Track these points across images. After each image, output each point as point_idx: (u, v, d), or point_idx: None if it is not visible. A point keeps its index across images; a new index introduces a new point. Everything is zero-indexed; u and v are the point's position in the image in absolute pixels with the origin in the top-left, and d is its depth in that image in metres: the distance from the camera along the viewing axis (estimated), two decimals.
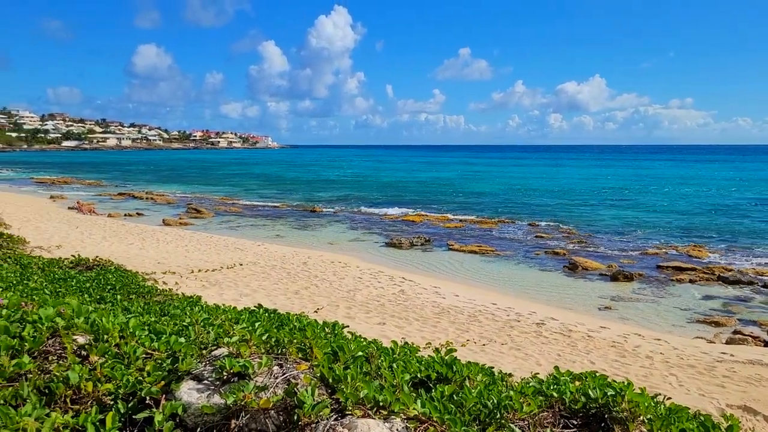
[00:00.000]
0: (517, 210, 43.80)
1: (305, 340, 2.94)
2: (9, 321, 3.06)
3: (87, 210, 37.26)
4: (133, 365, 2.73)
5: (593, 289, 20.06)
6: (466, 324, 14.27)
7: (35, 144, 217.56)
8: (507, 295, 18.66)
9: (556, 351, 12.67)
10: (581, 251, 27.04)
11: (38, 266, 8.86)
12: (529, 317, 15.44)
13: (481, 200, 51.55)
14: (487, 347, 12.46)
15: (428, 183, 74.31)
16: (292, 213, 41.84)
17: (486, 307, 16.28)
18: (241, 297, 14.77)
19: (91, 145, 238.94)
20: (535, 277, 21.82)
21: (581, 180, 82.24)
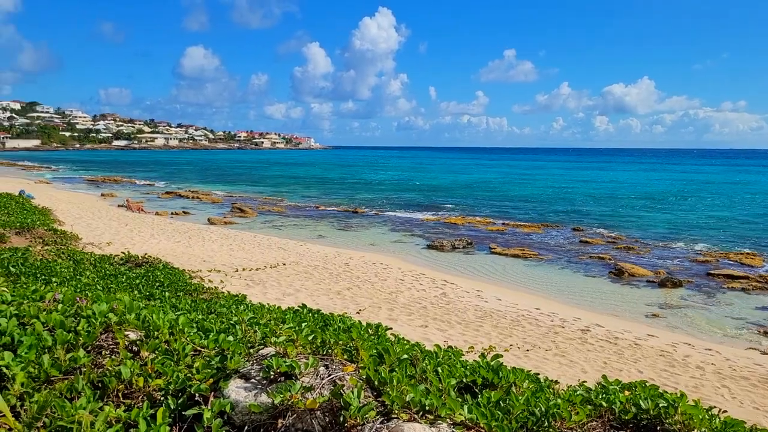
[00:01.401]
0: (561, 214, 43.14)
1: (351, 341, 2.94)
2: (64, 315, 3.15)
3: (136, 208, 38.25)
4: (182, 362, 2.78)
5: (640, 296, 19.60)
6: (509, 329, 14.12)
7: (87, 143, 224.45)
8: (550, 300, 18.38)
9: (602, 359, 12.42)
10: (627, 257, 26.45)
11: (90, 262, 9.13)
12: (573, 323, 15.18)
13: (524, 204, 50.92)
14: (530, 353, 12.31)
15: (470, 185, 73.79)
16: (334, 213, 42.10)
17: (529, 311, 16.08)
18: (285, 296, 14.94)
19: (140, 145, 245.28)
20: (579, 283, 21.44)
21: (628, 184, 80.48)
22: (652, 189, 70.66)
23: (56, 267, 7.34)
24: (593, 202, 53.63)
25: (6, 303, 3.55)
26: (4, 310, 3.17)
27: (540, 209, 46.46)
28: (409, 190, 64.36)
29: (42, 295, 3.75)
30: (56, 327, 2.99)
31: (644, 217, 42.26)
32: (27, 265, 6.89)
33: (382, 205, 47.73)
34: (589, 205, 49.95)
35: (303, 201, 51.06)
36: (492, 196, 58.07)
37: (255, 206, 44.25)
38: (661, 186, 76.58)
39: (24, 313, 3.19)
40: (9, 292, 3.96)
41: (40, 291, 3.97)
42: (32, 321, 3.06)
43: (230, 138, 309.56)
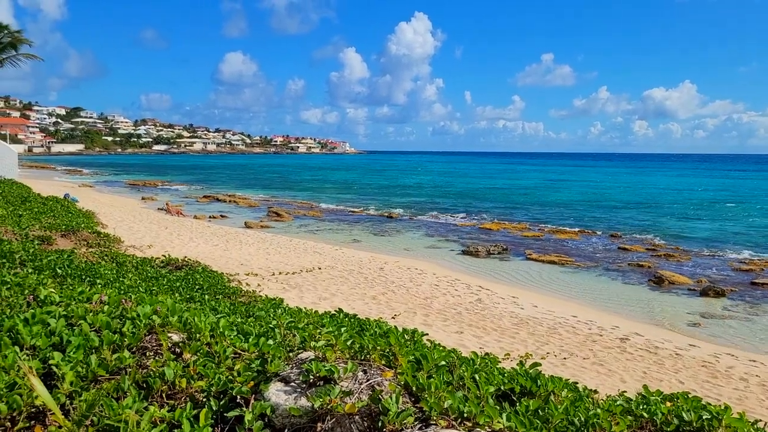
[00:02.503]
0: (598, 220, 42.49)
1: (388, 347, 2.96)
2: (110, 317, 3.24)
3: (175, 211, 38.99)
4: (223, 364, 2.83)
5: (681, 305, 19.17)
6: (545, 336, 13.96)
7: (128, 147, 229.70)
8: (588, 307, 18.11)
9: (641, 368, 12.19)
10: (667, 264, 25.91)
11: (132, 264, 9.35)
12: (612, 332, 14.93)
13: (560, 209, 50.30)
14: (568, 361, 12.15)
15: (506, 191, 73.21)
16: (369, 218, 42.25)
17: (566, 319, 15.87)
18: (321, 300, 15.04)
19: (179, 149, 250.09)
20: (617, 290, 21.08)
21: (667, 190, 78.86)
22: (694, 195, 69.10)
23: (100, 269, 7.54)
24: (632, 208, 52.67)
25: (55, 304, 3.67)
26: (53, 311, 3.28)
27: (577, 215, 45.84)
28: (444, 195, 64.19)
29: (89, 296, 3.86)
30: (102, 328, 3.08)
31: (685, 223, 41.36)
32: (72, 266, 7.09)
33: (416, 210, 47.70)
34: (628, 212, 49.07)
35: (338, 205, 51.35)
36: (528, 202, 57.51)
37: (291, 210, 44.68)
38: (702, 192, 74.83)
39: (72, 314, 3.29)
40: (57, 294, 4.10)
41: (86, 293, 4.09)
42: (79, 322, 3.16)
43: (266, 142, 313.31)
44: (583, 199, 61.10)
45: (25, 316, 3.13)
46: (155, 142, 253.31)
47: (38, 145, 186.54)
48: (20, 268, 6.22)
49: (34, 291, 4.23)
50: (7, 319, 3.12)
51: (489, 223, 39.05)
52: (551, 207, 52.61)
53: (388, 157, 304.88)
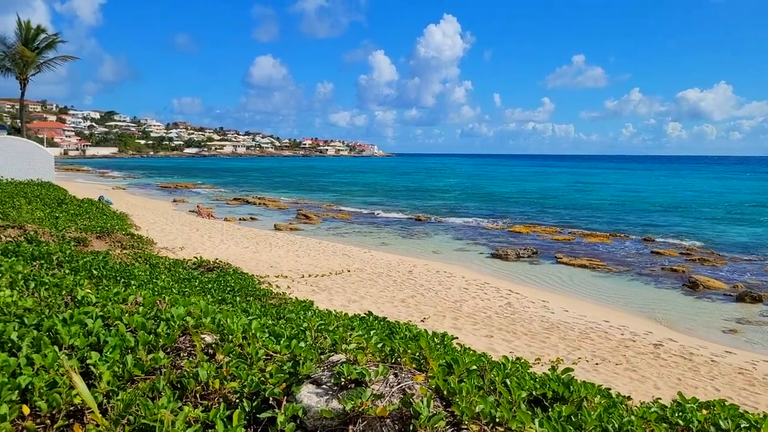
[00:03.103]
0: (630, 224, 41.81)
1: (419, 350, 2.96)
2: (145, 318, 3.31)
3: (206, 214, 39.48)
4: (255, 366, 2.86)
5: (716, 310, 18.76)
6: (576, 341, 13.80)
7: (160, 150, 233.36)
8: (620, 312, 17.84)
9: (676, 375, 11.97)
10: (702, 269, 25.40)
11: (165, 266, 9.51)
12: (645, 337, 14.69)
13: (591, 213, 49.62)
14: (600, 366, 11.99)
15: (535, 193, 72.55)
16: (397, 221, 42.24)
17: (598, 324, 15.66)
18: (350, 303, 15.09)
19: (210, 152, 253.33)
20: (650, 295, 20.72)
21: (702, 193, 77.30)
22: (729, 198, 67.59)
23: (134, 270, 7.69)
24: (665, 211, 51.76)
25: (91, 304, 3.75)
26: (91, 312, 3.35)
27: (608, 219, 45.18)
28: (472, 198, 63.87)
29: (124, 297, 3.94)
30: (138, 329, 3.14)
31: (720, 227, 40.49)
32: (107, 268, 7.24)
33: (445, 213, 47.53)
34: (661, 215, 48.24)
35: (366, 208, 51.44)
36: (558, 205, 56.88)
37: (319, 213, 44.92)
38: (738, 195, 73.17)
39: (108, 315, 3.36)
40: (93, 294, 4.19)
41: (121, 294, 4.17)
42: (116, 322, 3.22)
43: (295, 145, 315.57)
44: (614, 203, 60.20)
45: (64, 316, 3.21)
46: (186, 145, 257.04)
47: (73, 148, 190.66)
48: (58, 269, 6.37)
49: (71, 292, 4.33)
50: (47, 319, 3.20)
51: (518, 227, 38.71)
52: (582, 210, 51.94)
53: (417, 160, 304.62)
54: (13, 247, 7.71)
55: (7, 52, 42.71)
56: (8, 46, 42.77)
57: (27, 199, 18.33)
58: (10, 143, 30.60)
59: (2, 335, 2.96)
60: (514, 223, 41.19)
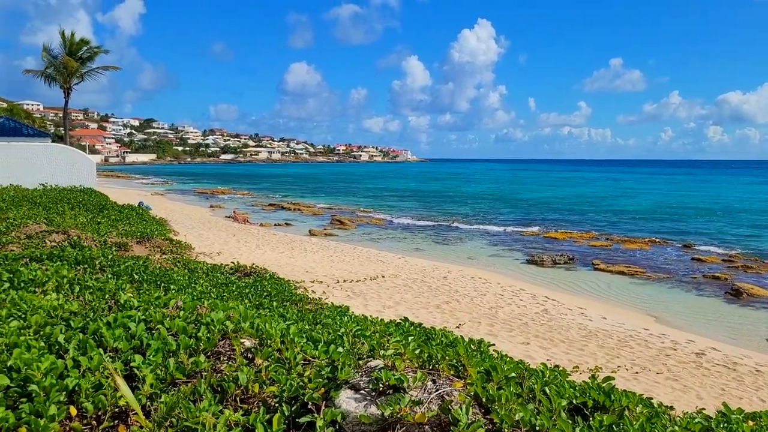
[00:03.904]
0: (669, 230, 40.91)
1: (457, 357, 2.95)
2: (186, 322, 3.37)
3: (242, 219, 39.98)
4: (293, 370, 2.89)
5: (761, 319, 18.21)
6: (615, 349, 13.56)
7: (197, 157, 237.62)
8: (660, 320, 17.47)
9: (719, 385, 11.67)
10: (746, 276, 24.72)
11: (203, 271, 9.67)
12: (686, 346, 14.35)
13: (629, 218, 48.72)
14: (640, 375, 11.75)
15: (571, 199, 71.57)
16: (431, 226, 42.14)
17: (637, 332, 15.36)
18: (385, 309, 15.11)
19: (245, 158, 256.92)
20: (692, 303, 20.24)
21: (744, 198, 75.24)
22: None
23: (173, 275, 7.83)
24: (706, 217, 50.53)
25: (134, 308, 3.84)
26: (133, 315, 3.43)
27: (647, 225, 44.32)
28: (507, 204, 63.36)
29: (165, 302, 4.02)
30: (179, 332, 3.20)
31: (764, 234, 39.34)
32: (148, 272, 7.39)
33: (479, 219, 47.25)
34: (701, 221, 47.11)
35: (400, 213, 51.45)
36: (594, 210, 56.00)
37: (353, 218, 45.07)
38: None
39: (150, 319, 3.44)
40: (135, 298, 4.29)
41: (162, 298, 4.26)
42: (157, 326, 3.29)
43: (329, 151, 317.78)
44: (653, 208, 59.04)
45: (108, 319, 3.30)
46: (222, 151, 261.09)
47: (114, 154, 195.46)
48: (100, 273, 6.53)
49: (114, 295, 4.44)
50: (92, 322, 3.29)
51: (554, 232, 38.27)
52: (620, 216, 51.05)
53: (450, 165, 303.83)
54: (58, 251, 7.93)
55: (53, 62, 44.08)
56: (54, 57, 44.14)
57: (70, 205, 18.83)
58: (55, 150, 31.51)
59: (50, 338, 3.05)
60: (549, 229, 40.72)
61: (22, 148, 30.39)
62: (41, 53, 44.03)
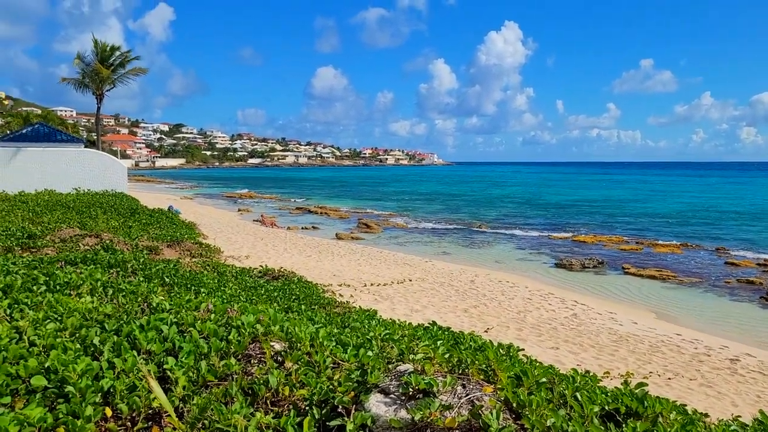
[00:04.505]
0: (702, 234, 40.15)
1: (487, 361, 2.94)
2: (217, 325, 3.41)
3: (269, 223, 40.29)
4: (323, 374, 2.91)
5: None
6: (647, 354, 13.34)
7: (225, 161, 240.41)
8: (692, 325, 17.15)
9: (755, 392, 11.40)
10: None
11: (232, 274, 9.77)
12: (720, 352, 14.07)
13: (660, 222, 47.93)
14: (672, 382, 11.55)
15: (600, 202, 70.64)
16: (458, 230, 41.99)
17: (669, 337, 15.10)
18: (412, 312, 15.08)
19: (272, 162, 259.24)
20: (725, 308, 19.83)
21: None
22: None
23: (203, 278, 7.93)
24: (739, 220, 49.47)
25: (166, 311, 3.90)
26: (166, 318, 3.48)
27: (678, 228, 43.56)
28: (534, 207, 62.84)
29: (196, 305, 4.07)
30: (210, 335, 3.25)
31: None
32: (178, 275, 7.50)
33: (507, 222, 46.94)
34: (735, 224, 46.12)
35: (427, 217, 51.37)
36: (624, 214, 55.20)
37: (380, 222, 45.11)
38: None
39: (182, 321, 3.49)
40: (167, 301, 4.35)
41: (193, 301, 4.31)
42: (189, 329, 3.34)
43: (356, 155, 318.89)
44: (685, 211, 57.97)
45: (141, 322, 3.35)
46: (250, 155, 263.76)
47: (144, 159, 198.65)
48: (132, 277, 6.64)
49: (146, 298, 4.51)
50: (125, 325, 3.35)
51: (583, 236, 37.82)
52: (650, 219, 50.26)
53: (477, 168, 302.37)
54: (92, 255, 8.09)
55: (85, 70, 45.02)
56: (87, 64, 45.07)
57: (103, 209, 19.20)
58: (88, 156, 32.15)
59: (86, 340, 3.11)
60: (578, 232, 40.27)
61: (56, 154, 31.09)
62: (74, 61, 44.99)
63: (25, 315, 3.59)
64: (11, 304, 3.83)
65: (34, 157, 30.33)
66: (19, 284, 4.47)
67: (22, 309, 3.75)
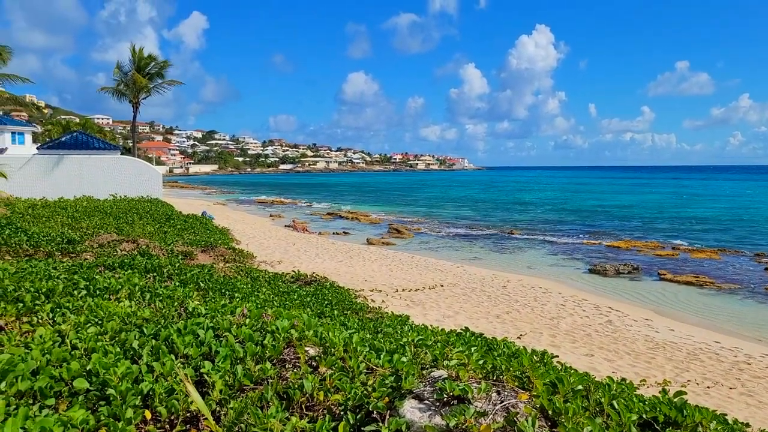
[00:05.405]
0: (740, 239, 39.14)
1: (521, 368, 2.92)
2: (252, 329, 3.45)
3: (301, 228, 40.58)
4: (357, 379, 2.92)
5: None
6: (684, 362, 13.07)
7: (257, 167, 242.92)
8: (732, 333, 16.72)
9: None
10: None
11: (265, 279, 9.88)
12: (761, 360, 13.69)
13: (696, 227, 46.89)
14: (711, 390, 11.28)
15: (634, 207, 69.42)
16: (489, 235, 41.70)
17: (707, 345, 14.76)
18: (444, 318, 15.04)
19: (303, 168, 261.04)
20: (766, 315, 19.29)
21: None
22: None
23: (237, 283, 8.03)
24: None
25: (202, 316, 3.96)
26: (202, 323, 3.54)
27: (716, 233, 42.55)
28: (567, 212, 62.06)
29: (231, 309, 4.13)
30: (246, 340, 3.29)
31: None
32: (213, 280, 7.61)
33: (539, 227, 46.45)
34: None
35: (458, 222, 51.15)
36: (659, 219, 54.16)
37: (411, 227, 45.08)
38: None
39: (218, 326, 3.54)
40: (203, 306, 4.42)
41: (228, 306, 4.37)
42: (225, 333, 3.39)
43: (386, 160, 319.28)
44: (722, 216, 56.66)
45: (178, 326, 3.42)
46: (281, 161, 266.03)
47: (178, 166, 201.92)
48: (169, 281, 6.76)
49: (182, 303, 4.59)
50: (163, 329, 3.41)
51: (617, 242, 37.22)
52: (686, 224, 49.23)
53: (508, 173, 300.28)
54: (129, 260, 8.26)
55: (123, 79, 46.08)
56: (125, 73, 46.13)
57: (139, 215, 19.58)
58: (124, 163, 32.86)
59: (125, 344, 3.18)
60: (612, 238, 39.66)
61: (93, 161, 31.86)
62: (113, 71, 46.06)
63: (67, 319, 3.70)
64: (54, 308, 3.94)
65: (73, 164, 31.11)
66: (61, 289, 4.59)
67: (64, 313, 3.85)
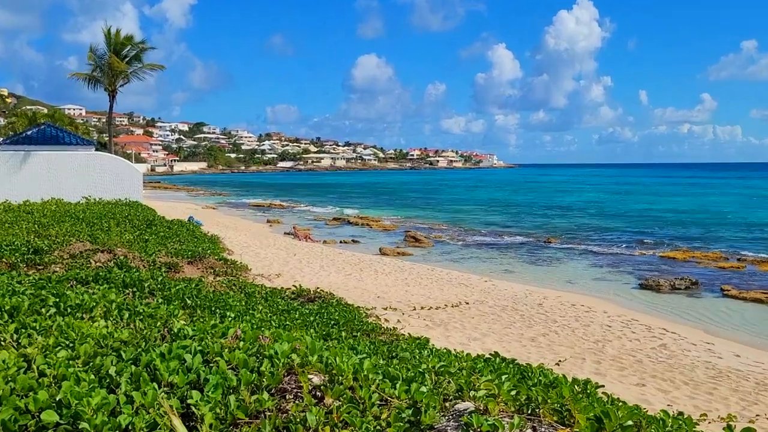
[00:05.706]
0: None
1: (560, 399, 2.91)
2: (247, 354, 3.46)
3: (303, 236, 40.70)
4: (368, 412, 2.92)
5: None
6: (753, 394, 13.02)
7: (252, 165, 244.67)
8: None
9: None
10: None
11: (261, 296, 9.92)
12: None
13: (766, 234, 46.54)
14: None
15: (693, 211, 69.01)
16: (521, 244, 41.65)
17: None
18: (470, 341, 15.06)
19: (306, 166, 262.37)
20: None
21: None
22: None
23: (229, 300, 8.08)
24: None
25: (189, 338, 3.98)
26: (189, 346, 3.55)
27: None
28: (613, 217, 61.80)
29: (223, 331, 4.14)
30: (239, 366, 3.30)
31: None
32: (201, 296, 7.66)
33: (580, 235, 46.33)
34: None
35: (485, 229, 51.11)
36: (722, 225, 53.80)
37: (431, 235, 45.09)
38: None
39: (207, 350, 3.55)
40: (190, 327, 4.44)
41: (219, 326, 4.39)
42: (216, 358, 3.40)
43: (402, 157, 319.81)
44: None
45: (161, 350, 3.43)
46: (280, 158, 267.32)
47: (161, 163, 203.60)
48: (150, 298, 6.81)
49: (166, 323, 4.62)
50: (144, 353, 3.42)
51: (672, 252, 37.07)
52: (755, 231, 48.87)
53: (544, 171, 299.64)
54: (105, 273, 8.33)
55: (98, 63, 46.55)
56: (100, 57, 46.60)
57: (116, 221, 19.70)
58: (99, 160, 33.12)
59: (101, 370, 3.20)
60: (665, 247, 39.50)
61: (64, 158, 32.08)
62: (87, 55, 46.54)
63: (34, 341, 3.72)
64: (18, 329, 3.96)
65: (41, 161, 31.36)
66: (27, 306, 4.62)
67: (30, 334, 3.88)
